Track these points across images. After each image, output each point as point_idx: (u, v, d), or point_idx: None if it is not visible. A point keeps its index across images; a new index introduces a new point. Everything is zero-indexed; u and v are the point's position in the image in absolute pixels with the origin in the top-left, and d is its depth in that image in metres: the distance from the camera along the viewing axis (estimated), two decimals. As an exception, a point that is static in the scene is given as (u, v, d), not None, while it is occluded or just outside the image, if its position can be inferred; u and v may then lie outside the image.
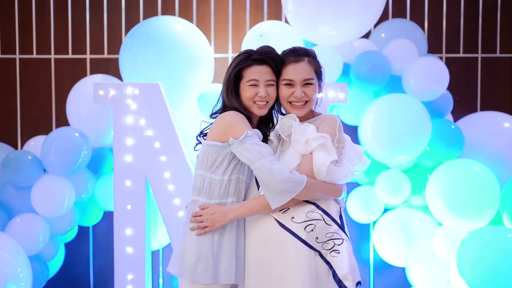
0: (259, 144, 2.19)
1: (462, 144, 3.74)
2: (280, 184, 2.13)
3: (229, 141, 2.22)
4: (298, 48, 2.35)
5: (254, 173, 2.20)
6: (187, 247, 2.26)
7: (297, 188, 2.16)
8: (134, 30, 3.89)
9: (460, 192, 3.56)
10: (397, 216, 3.87)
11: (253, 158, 2.17)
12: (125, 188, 3.61)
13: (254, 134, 2.22)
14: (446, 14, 4.46)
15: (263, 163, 2.15)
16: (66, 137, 3.61)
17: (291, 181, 2.14)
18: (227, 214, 2.24)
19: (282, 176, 2.13)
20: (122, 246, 3.63)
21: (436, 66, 3.68)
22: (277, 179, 2.13)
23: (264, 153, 2.17)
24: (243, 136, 2.19)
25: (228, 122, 2.24)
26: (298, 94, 2.28)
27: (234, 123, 2.23)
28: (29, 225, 3.50)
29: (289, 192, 2.15)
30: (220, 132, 2.25)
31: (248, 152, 2.18)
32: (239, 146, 2.20)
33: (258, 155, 2.16)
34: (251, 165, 2.19)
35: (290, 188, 2.15)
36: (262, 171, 2.15)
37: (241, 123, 2.23)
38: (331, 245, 2.20)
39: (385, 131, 3.65)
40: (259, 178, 2.18)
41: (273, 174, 2.13)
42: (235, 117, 2.25)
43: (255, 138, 2.22)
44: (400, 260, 3.89)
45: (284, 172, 2.14)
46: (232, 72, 2.32)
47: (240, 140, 2.19)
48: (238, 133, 2.20)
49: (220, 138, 2.25)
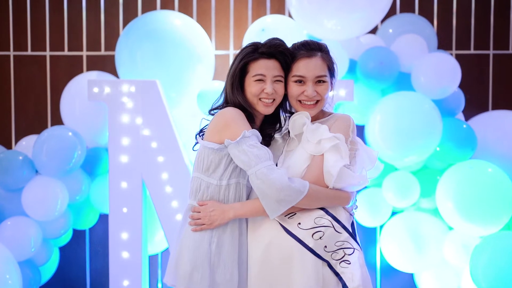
0: (257, 146, 2.04)
1: (475, 144, 3.68)
2: (277, 192, 1.98)
3: (225, 143, 2.07)
4: (311, 41, 2.19)
5: (250, 179, 2.04)
6: (182, 254, 2.13)
7: (297, 197, 2.01)
8: (131, 25, 3.82)
9: (472, 195, 3.49)
10: (406, 220, 3.80)
11: (250, 162, 2.01)
12: (121, 190, 3.54)
13: (252, 135, 2.06)
14: (456, 9, 4.38)
15: (260, 168, 2.00)
16: (59, 137, 3.54)
17: (290, 189, 1.99)
18: (226, 213, 2.10)
19: (280, 183, 1.98)
20: (118, 250, 3.55)
21: (447, 63, 3.62)
22: (275, 187, 1.98)
23: (261, 157, 2.01)
24: (240, 137, 2.03)
25: (225, 120, 2.09)
26: (310, 92, 2.12)
27: (231, 122, 2.07)
28: (20, 229, 3.43)
29: (287, 201, 2.00)
30: (216, 131, 2.11)
31: (244, 155, 2.02)
32: (235, 148, 2.05)
33: (255, 159, 2.01)
34: (247, 170, 2.04)
35: (288, 197, 1.99)
36: (258, 177, 2.00)
37: (239, 122, 2.07)
38: (341, 255, 2.04)
39: (393, 130, 3.58)
40: (254, 185, 2.03)
41: (270, 181, 1.98)
42: (233, 115, 2.10)
43: (253, 139, 2.06)
44: (409, 266, 3.83)
45: (282, 179, 1.98)
46: (238, 66, 2.16)
47: (236, 141, 2.04)
48: (234, 133, 2.05)
49: (216, 139, 2.11)
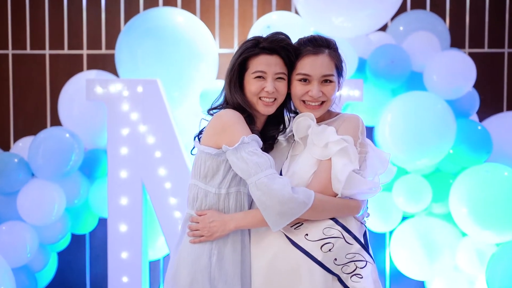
0: (256, 153, 1.88)
1: (490, 147, 3.57)
2: (279, 205, 1.82)
3: (223, 148, 1.92)
4: (318, 37, 2.03)
5: (250, 189, 1.89)
6: (180, 267, 1.98)
7: (300, 210, 1.85)
8: (131, 22, 3.72)
9: (487, 200, 3.38)
10: (417, 225, 3.69)
11: (249, 170, 1.86)
12: (120, 193, 3.40)
13: (252, 141, 1.90)
14: (470, 6, 4.27)
15: (260, 177, 1.84)
16: (56, 138, 3.43)
17: (293, 201, 1.83)
18: (227, 224, 1.95)
19: (282, 195, 1.82)
20: (117, 252, 3.43)
21: (461, 61, 3.52)
22: (276, 198, 1.82)
23: (262, 165, 1.85)
24: (239, 143, 1.88)
25: (223, 124, 1.94)
26: (315, 93, 1.97)
27: (229, 126, 1.92)
28: (15, 234, 3.32)
29: (290, 214, 1.85)
30: (213, 135, 1.96)
31: (243, 162, 1.87)
32: (233, 155, 1.89)
33: (255, 167, 1.85)
34: (246, 179, 1.89)
35: (291, 210, 1.84)
36: (258, 187, 1.84)
37: (237, 127, 1.91)
38: (352, 268, 1.89)
39: (404, 132, 3.49)
40: (254, 195, 1.88)
41: (271, 193, 1.82)
42: (231, 118, 1.94)
43: (253, 145, 1.90)
44: (420, 273, 3.70)
45: (284, 191, 1.82)
46: (237, 61, 2.00)
47: (234, 148, 1.88)
48: (232, 139, 1.90)
49: (213, 143, 1.95)
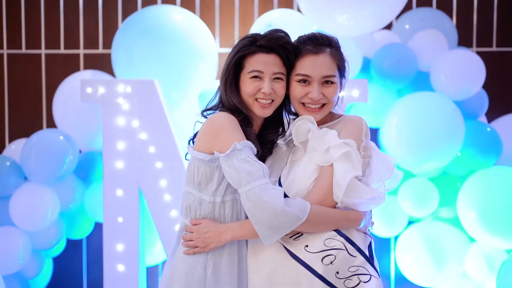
0: (248, 161, 1.76)
1: (500, 149, 3.48)
2: (269, 218, 1.70)
3: (215, 155, 1.81)
4: (319, 35, 1.92)
5: (241, 200, 1.78)
6: (174, 279, 1.88)
7: (292, 224, 1.73)
8: (128, 21, 3.63)
9: (497, 204, 3.30)
10: (423, 230, 3.61)
11: (240, 180, 1.74)
12: (116, 198, 3.34)
13: (245, 147, 1.78)
14: (478, 3, 4.19)
15: (251, 188, 1.72)
16: (49, 141, 3.35)
17: (285, 215, 1.71)
18: (222, 234, 1.84)
19: (273, 208, 1.70)
20: (113, 263, 3.34)
21: (470, 60, 3.44)
22: (267, 212, 1.70)
23: (254, 174, 1.73)
24: (230, 150, 1.76)
25: (215, 129, 1.82)
26: (315, 95, 1.86)
27: (221, 131, 1.80)
28: (7, 240, 3.24)
29: (281, 228, 1.73)
30: (205, 140, 1.85)
31: (235, 171, 1.75)
32: (225, 162, 1.78)
33: (246, 176, 1.73)
34: (238, 189, 1.77)
35: (283, 224, 1.72)
36: (249, 198, 1.72)
37: (229, 132, 1.80)
38: (356, 282, 1.77)
39: (411, 134, 3.42)
40: (245, 206, 1.76)
41: (262, 205, 1.70)
42: (223, 122, 1.82)
43: (246, 152, 1.78)
44: (426, 279, 3.61)
45: (276, 203, 1.70)
46: (232, 60, 1.89)
47: (226, 155, 1.77)
48: (224, 145, 1.78)
49: (206, 149, 1.84)
